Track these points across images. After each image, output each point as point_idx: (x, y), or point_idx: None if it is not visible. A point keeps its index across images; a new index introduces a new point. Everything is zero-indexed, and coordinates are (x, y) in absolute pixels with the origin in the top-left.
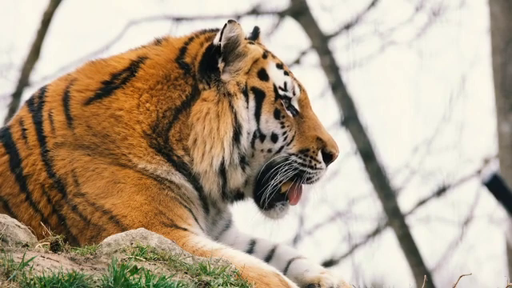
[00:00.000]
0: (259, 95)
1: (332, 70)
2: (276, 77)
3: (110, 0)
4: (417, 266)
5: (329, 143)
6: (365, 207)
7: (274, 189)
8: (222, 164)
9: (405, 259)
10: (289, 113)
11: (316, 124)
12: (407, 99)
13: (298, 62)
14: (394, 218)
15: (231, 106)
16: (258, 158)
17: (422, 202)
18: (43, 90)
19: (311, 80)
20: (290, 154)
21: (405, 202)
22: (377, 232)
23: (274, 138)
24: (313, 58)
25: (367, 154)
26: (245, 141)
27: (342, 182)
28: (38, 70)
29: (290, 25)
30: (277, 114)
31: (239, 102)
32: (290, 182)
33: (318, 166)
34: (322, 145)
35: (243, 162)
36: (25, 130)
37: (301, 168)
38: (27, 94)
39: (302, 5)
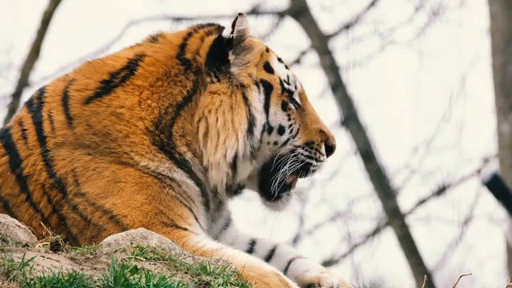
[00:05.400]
0: (268, 88)
1: (332, 69)
2: (280, 70)
3: (109, 0)
4: (417, 265)
5: (330, 136)
6: (365, 207)
7: (281, 180)
8: (236, 156)
9: (405, 259)
10: (292, 106)
11: (316, 117)
12: (407, 99)
13: (298, 61)
14: (394, 217)
15: (245, 98)
16: (264, 150)
17: (421, 202)
18: (42, 91)
19: (311, 80)
20: (296, 147)
21: (405, 202)
22: (377, 232)
23: (281, 130)
24: (313, 57)
25: (367, 154)
26: (258, 133)
27: (342, 181)
28: (37, 70)
29: (290, 25)
30: (284, 107)
31: (253, 94)
32: (294, 174)
33: (322, 158)
34: (325, 137)
35: (252, 154)
36: (25, 130)
37: (307, 160)
38: (27, 94)
39: (301, 5)
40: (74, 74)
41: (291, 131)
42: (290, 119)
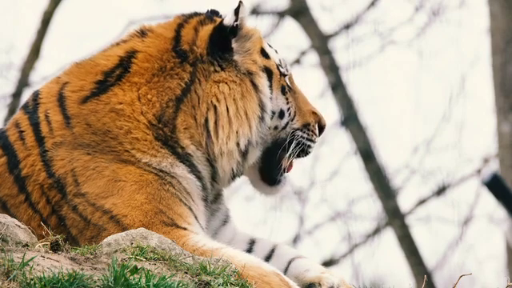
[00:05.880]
0: (269, 73)
1: (332, 69)
2: (273, 55)
3: (109, 0)
4: (417, 265)
5: (322, 116)
6: (365, 207)
7: (282, 164)
8: (249, 144)
9: (405, 259)
10: (287, 89)
11: (305, 98)
12: (407, 99)
13: (298, 61)
14: (394, 217)
15: (254, 85)
16: (266, 135)
17: (421, 202)
18: (36, 94)
19: (311, 80)
20: (296, 129)
21: (405, 202)
22: (377, 232)
23: (282, 114)
24: (313, 57)
25: (367, 154)
26: (268, 119)
27: (342, 181)
28: (37, 70)
29: (290, 25)
30: (283, 91)
31: (262, 81)
32: (296, 157)
33: (316, 139)
34: (317, 118)
35: (261, 141)
36: (22, 131)
37: (308, 143)
38: (27, 94)
39: (301, 5)
40: (66, 77)
41: (289, 114)
42: (288, 103)
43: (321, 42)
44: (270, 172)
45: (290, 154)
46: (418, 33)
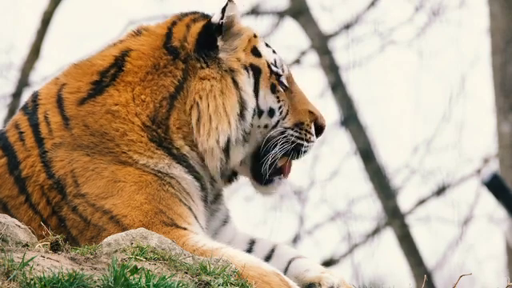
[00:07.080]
0: (256, 71)
1: (332, 69)
2: (267, 54)
3: (109, 0)
4: (417, 265)
5: (319, 116)
6: (365, 207)
7: (272, 162)
8: (229, 140)
9: (405, 259)
10: (280, 88)
11: (305, 98)
12: (407, 99)
13: (297, 61)
14: (394, 217)
15: (235, 82)
16: (255, 134)
17: (421, 202)
18: (35, 95)
19: (311, 80)
20: (286, 128)
21: (404, 202)
22: (376, 232)
23: (271, 112)
24: (313, 57)
25: (367, 154)
26: (249, 117)
27: (342, 181)
28: (37, 70)
29: (290, 25)
30: (273, 89)
31: (243, 78)
32: (285, 156)
33: (312, 138)
34: (314, 118)
35: (244, 138)
36: (21, 132)
37: (298, 141)
38: (27, 94)
39: (301, 5)
40: (64, 78)
41: (281, 113)
42: (279, 101)
43: (321, 42)
44: (259, 171)
45: (276, 152)
46: (418, 33)
